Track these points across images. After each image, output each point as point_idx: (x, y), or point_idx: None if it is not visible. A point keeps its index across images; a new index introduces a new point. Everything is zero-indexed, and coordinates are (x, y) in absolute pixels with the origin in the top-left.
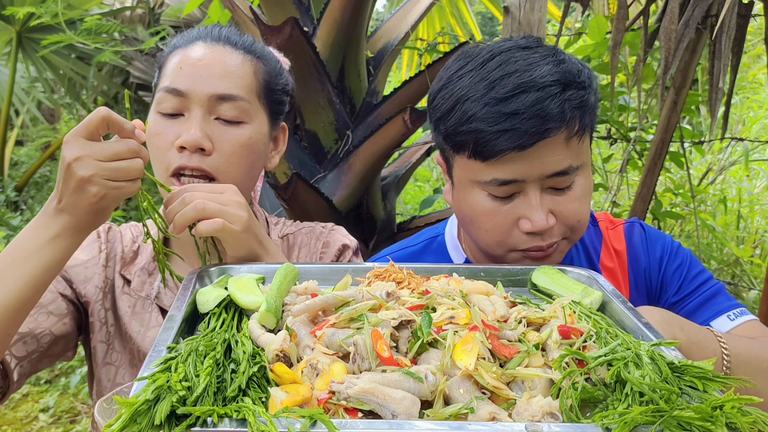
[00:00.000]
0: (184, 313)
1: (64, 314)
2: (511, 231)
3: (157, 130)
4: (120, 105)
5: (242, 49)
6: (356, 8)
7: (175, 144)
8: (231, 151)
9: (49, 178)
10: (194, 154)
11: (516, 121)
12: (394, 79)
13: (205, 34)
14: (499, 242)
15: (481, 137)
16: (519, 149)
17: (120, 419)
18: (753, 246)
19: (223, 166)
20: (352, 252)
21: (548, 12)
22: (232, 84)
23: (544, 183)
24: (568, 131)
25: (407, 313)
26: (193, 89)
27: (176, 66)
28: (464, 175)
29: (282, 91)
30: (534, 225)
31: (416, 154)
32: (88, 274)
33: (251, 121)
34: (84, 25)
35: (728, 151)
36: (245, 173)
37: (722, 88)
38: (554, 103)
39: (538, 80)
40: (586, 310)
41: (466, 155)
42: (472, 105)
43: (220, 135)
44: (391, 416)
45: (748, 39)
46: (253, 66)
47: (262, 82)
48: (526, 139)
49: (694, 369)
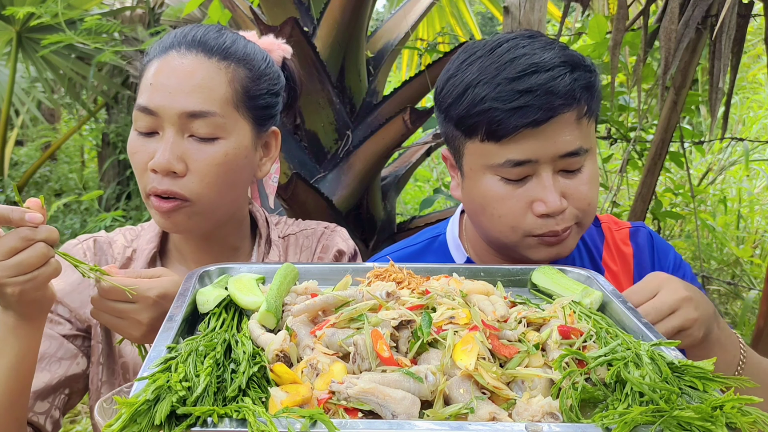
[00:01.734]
0: (184, 313)
1: (75, 354)
2: (524, 215)
3: (134, 149)
4: (120, 105)
5: (218, 55)
6: (356, 8)
7: (148, 166)
8: (206, 171)
9: (49, 178)
10: (165, 177)
11: (529, 98)
12: (394, 79)
13: (179, 40)
14: (514, 228)
15: (495, 116)
16: (533, 125)
17: (120, 419)
18: (753, 246)
19: (198, 188)
20: (348, 258)
21: (548, 12)
22: (203, 99)
23: (556, 165)
24: (578, 111)
25: (407, 313)
26: (162, 107)
27: (146, 82)
28: (476, 162)
29: (269, 93)
30: (548, 206)
31: (416, 154)
32: (82, 298)
33: (228, 136)
34: (84, 25)
35: (728, 151)
36: (224, 192)
37: (722, 88)
38: (564, 81)
39: (548, 62)
40: (586, 310)
41: (478, 139)
42: (484, 87)
43: (193, 154)
44: (391, 416)
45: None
46: (228, 74)
47: (241, 90)
48: (540, 114)
49: (694, 369)
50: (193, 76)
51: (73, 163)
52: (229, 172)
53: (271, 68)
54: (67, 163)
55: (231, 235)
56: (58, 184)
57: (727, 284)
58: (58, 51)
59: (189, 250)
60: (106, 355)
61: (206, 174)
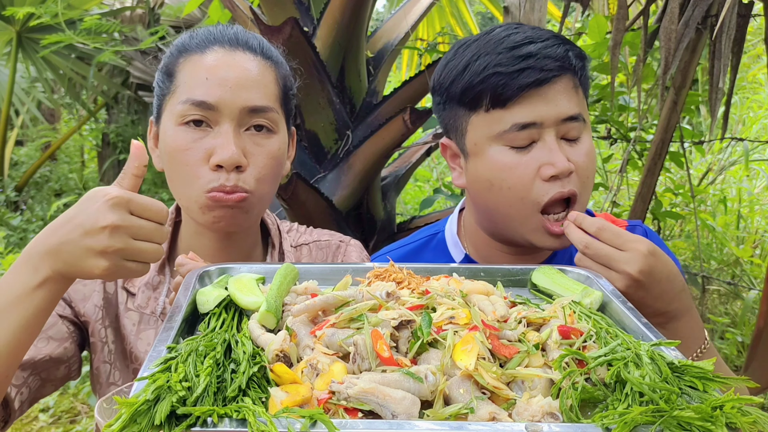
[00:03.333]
0: (184, 313)
1: (65, 338)
2: (533, 182)
3: (185, 145)
4: (120, 105)
5: (261, 55)
6: (356, 8)
7: (210, 162)
8: (263, 164)
9: (49, 178)
10: (231, 173)
11: (530, 61)
12: (394, 79)
13: (220, 37)
14: (523, 198)
15: (501, 81)
16: (536, 85)
17: (120, 419)
18: (753, 246)
19: (257, 181)
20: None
21: (548, 12)
22: (263, 94)
23: (559, 130)
24: (573, 79)
25: (407, 313)
26: (223, 101)
27: (199, 76)
28: (481, 135)
29: (294, 95)
30: (557, 167)
31: (416, 154)
32: (86, 291)
33: (279, 132)
34: (83, 25)
35: (728, 151)
36: (272, 185)
37: (722, 88)
38: (558, 49)
39: (541, 35)
40: (586, 310)
41: (483, 109)
42: (484, 58)
43: (252, 149)
44: (391, 416)
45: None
46: (273, 72)
47: (282, 89)
48: (542, 75)
49: (694, 369)
50: (249, 71)
51: (73, 163)
52: (279, 165)
53: (290, 72)
54: (67, 163)
55: (245, 240)
56: (58, 184)
57: (727, 284)
58: (58, 51)
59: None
60: (116, 356)
61: (264, 166)
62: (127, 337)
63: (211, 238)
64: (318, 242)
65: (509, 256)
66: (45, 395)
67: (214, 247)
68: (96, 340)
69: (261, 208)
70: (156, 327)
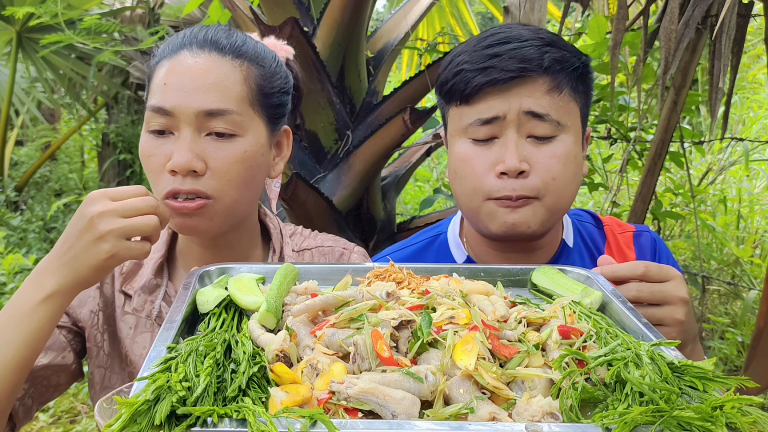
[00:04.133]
0: (184, 313)
1: (63, 347)
2: (486, 176)
3: (149, 151)
4: (120, 105)
5: (231, 54)
6: (356, 8)
7: (166, 167)
8: (226, 168)
9: (49, 178)
10: (187, 177)
11: (495, 61)
12: (394, 79)
13: (190, 40)
14: (475, 188)
15: (465, 77)
16: (493, 84)
17: (120, 419)
18: (753, 246)
19: (219, 185)
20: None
21: (548, 12)
22: (221, 97)
23: (523, 127)
24: (549, 81)
25: (407, 313)
26: (179, 107)
27: (161, 81)
28: (454, 127)
29: (280, 92)
30: (506, 165)
31: (416, 154)
32: (82, 297)
33: (245, 134)
34: (83, 25)
35: (728, 151)
36: (244, 190)
37: (722, 88)
38: (532, 50)
39: (523, 36)
40: (586, 310)
41: (456, 104)
42: (463, 55)
43: (212, 153)
44: (391, 416)
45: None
46: (243, 72)
47: (255, 89)
48: (502, 74)
49: (694, 369)
50: (208, 75)
51: (73, 163)
52: (248, 169)
53: (281, 67)
54: (67, 163)
55: (239, 243)
56: (58, 184)
57: (727, 284)
58: (58, 51)
59: (195, 258)
60: (112, 360)
61: (227, 171)
62: (122, 340)
63: (199, 243)
64: (321, 248)
65: (500, 254)
66: (50, 400)
67: (204, 251)
68: (92, 345)
69: (233, 214)
70: (152, 331)
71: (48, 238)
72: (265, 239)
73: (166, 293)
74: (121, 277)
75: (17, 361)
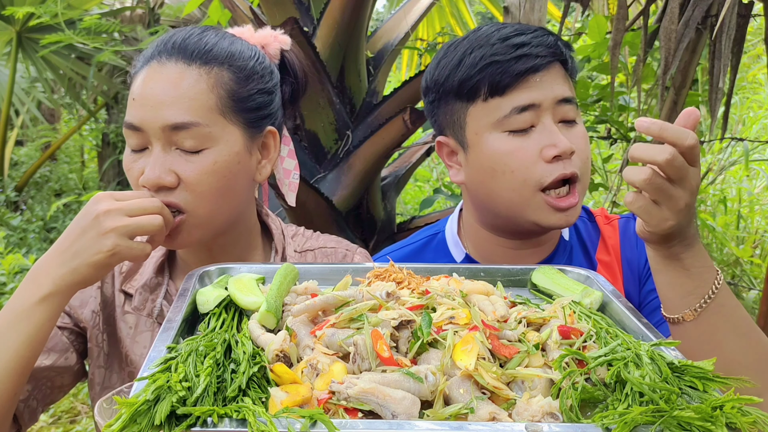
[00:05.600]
0: (184, 313)
1: (66, 349)
2: (535, 164)
3: (127, 166)
4: (120, 105)
5: (198, 60)
6: (356, 8)
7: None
8: (196, 181)
9: (49, 178)
10: (159, 192)
11: (525, 49)
12: (394, 79)
13: (159, 50)
14: (525, 180)
15: (499, 69)
16: (534, 71)
17: (120, 419)
18: (753, 246)
19: (191, 198)
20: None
21: (548, 12)
22: (185, 109)
23: (556, 113)
24: (561, 66)
25: (407, 313)
26: (146, 122)
27: (131, 96)
28: (481, 125)
29: (260, 92)
30: (559, 147)
31: (416, 154)
32: (84, 297)
33: (215, 144)
34: (82, 25)
35: (728, 151)
36: (220, 201)
37: (722, 88)
38: (548, 38)
39: (529, 28)
40: (586, 310)
41: (481, 99)
42: (480, 50)
43: (181, 166)
44: (391, 416)
45: (748, 39)
46: (211, 79)
47: (225, 95)
48: (539, 60)
49: (694, 369)
50: (173, 87)
51: (73, 163)
52: (222, 179)
53: (261, 65)
54: (67, 163)
55: (235, 245)
56: (58, 184)
57: (727, 284)
58: (58, 51)
59: (193, 262)
60: (112, 360)
61: (198, 183)
62: (123, 340)
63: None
64: (324, 249)
65: (511, 251)
66: (55, 401)
67: (199, 256)
68: (93, 345)
69: (211, 225)
70: (153, 330)
71: (48, 238)
72: (266, 240)
73: (167, 292)
74: (121, 276)
75: (17, 362)
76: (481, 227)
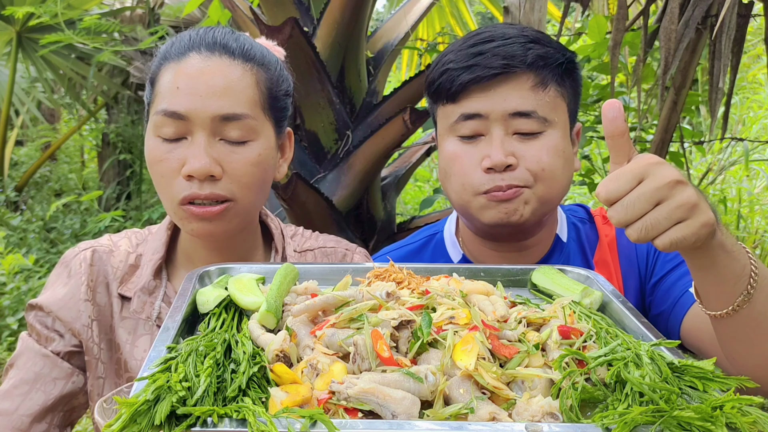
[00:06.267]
0: (184, 313)
1: (70, 373)
2: (474, 172)
3: (160, 156)
4: (120, 105)
5: (241, 57)
6: (356, 8)
7: (182, 172)
8: (242, 172)
9: (49, 178)
10: (204, 182)
11: (479, 59)
12: (394, 79)
13: (198, 43)
14: (464, 185)
15: (449, 76)
16: (476, 82)
17: (120, 419)
18: (753, 246)
19: (236, 189)
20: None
21: (548, 12)
22: (236, 101)
23: (509, 125)
24: (534, 77)
25: (407, 313)
26: (194, 111)
27: (172, 85)
28: (442, 126)
29: (285, 95)
30: (492, 160)
31: (416, 154)
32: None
33: (258, 138)
34: (82, 25)
35: (728, 151)
36: (258, 192)
37: (722, 88)
38: (516, 47)
39: (508, 34)
40: (586, 310)
41: (443, 103)
42: (450, 54)
43: (227, 157)
44: (391, 416)
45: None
46: (254, 76)
47: (266, 92)
48: (486, 72)
49: (694, 369)
50: (223, 77)
51: (73, 163)
52: (262, 172)
53: (283, 70)
54: (67, 163)
55: (243, 244)
56: (58, 184)
57: None
58: (58, 51)
59: (199, 258)
60: (111, 367)
61: (243, 174)
62: (121, 346)
63: (204, 244)
64: (323, 249)
65: (494, 253)
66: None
67: (208, 253)
68: (90, 358)
69: (248, 216)
70: (151, 332)
71: (48, 238)
72: (266, 240)
73: (166, 294)
74: (116, 281)
75: None
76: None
